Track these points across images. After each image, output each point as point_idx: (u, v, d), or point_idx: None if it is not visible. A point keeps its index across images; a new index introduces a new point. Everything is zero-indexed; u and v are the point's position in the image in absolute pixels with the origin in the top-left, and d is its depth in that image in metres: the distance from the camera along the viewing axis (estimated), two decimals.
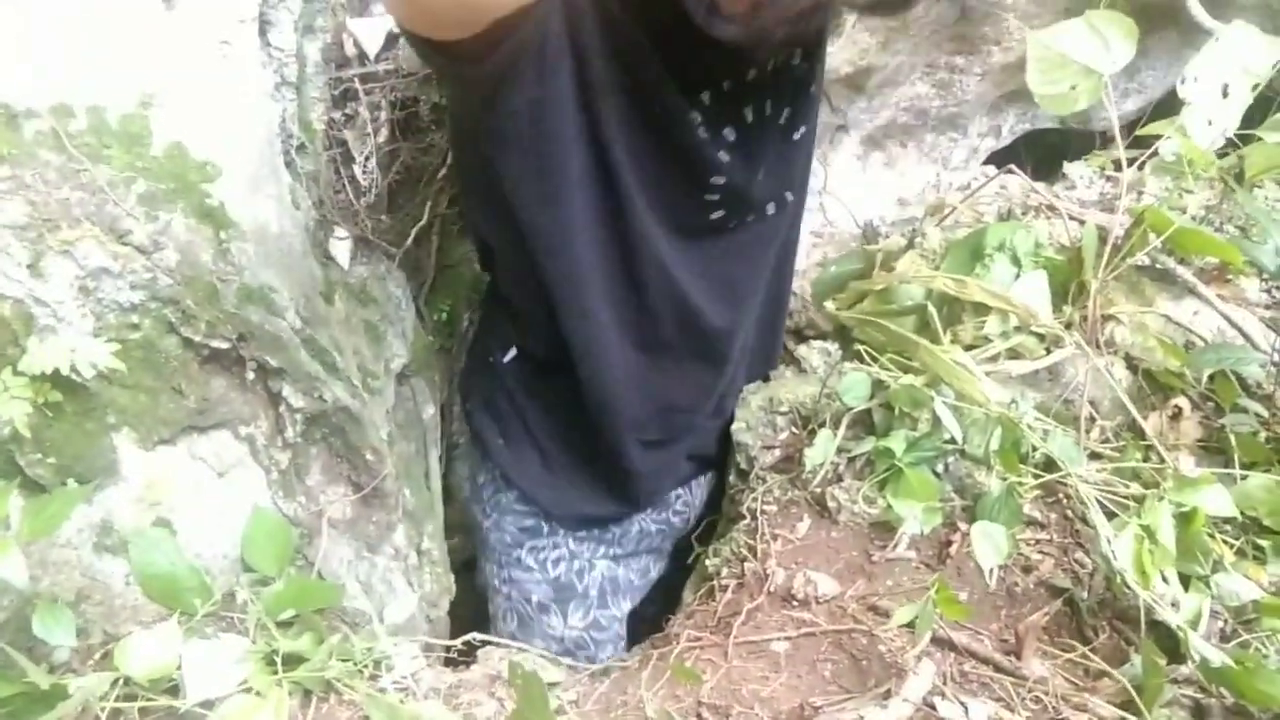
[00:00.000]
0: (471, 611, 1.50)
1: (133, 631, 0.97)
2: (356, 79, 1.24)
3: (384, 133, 1.27)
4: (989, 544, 0.97)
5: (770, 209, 1.22)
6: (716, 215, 1.16)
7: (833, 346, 1.48)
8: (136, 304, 0.93)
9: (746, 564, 1.18)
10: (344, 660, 0.95)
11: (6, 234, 0.87)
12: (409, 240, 1.28)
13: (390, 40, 1.25)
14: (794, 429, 1.37)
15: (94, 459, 0.94)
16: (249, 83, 1.07)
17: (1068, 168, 2.19)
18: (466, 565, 1.70)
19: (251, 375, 1.04)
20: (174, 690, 0.88)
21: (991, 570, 1.03)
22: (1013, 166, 2.07)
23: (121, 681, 0.85)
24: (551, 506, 1.33)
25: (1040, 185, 1.81)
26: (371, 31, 1.24)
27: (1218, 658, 0.95)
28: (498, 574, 1.39)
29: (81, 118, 0.93)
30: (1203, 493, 1.01)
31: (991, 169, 2.06)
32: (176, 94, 0.98)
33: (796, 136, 1.19)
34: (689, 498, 1.45)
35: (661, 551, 1.49)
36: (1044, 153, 2.52)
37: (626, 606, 1.43)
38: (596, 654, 1.39)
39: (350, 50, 1.26)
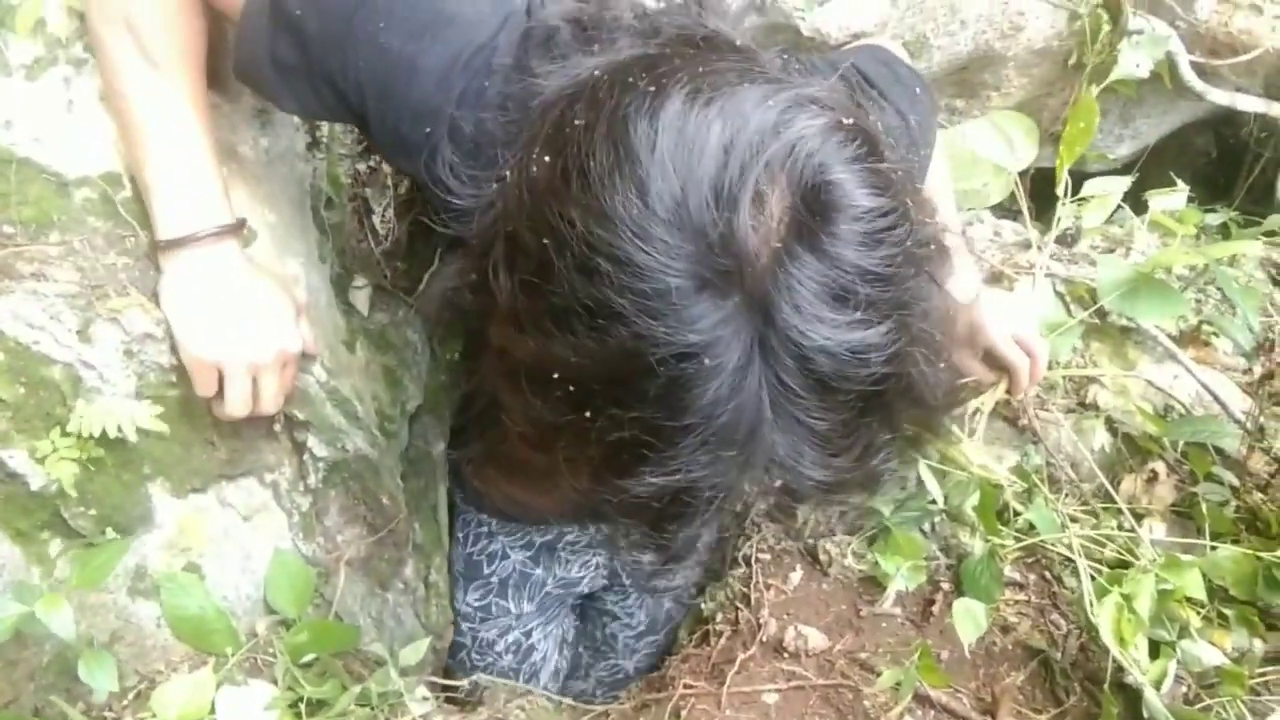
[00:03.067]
0: None
1: (162, 670, 1.03)
2: None
3: (404, 185, 1.33)
4: (969, 621, 1.03)
5: None
6: None
7: None
8: (176, 364, 0.99)
9: (740, 612, 1.25)
10: (362, 705, 1.01)
11: (59, 302, 0.92)
12: (423, 285, 1.34)
13: None
14: None
15: (131, 508, 1.00)
16: (283, 146, 1.13)
17: (1061, 211, 2.25)
18: None
19: (278, 427, 1.10)
20: None
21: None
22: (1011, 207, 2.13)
23: None
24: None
25: (1032, 234, 1.86)
26: None
27: (1163, 717, 1.03)
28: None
29: (128, 186, 0.99)
30: (1186, 576, 1.08)
31: (987, 213, 2.12)
32: (218, 158, 1.04)
33: None
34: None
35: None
36: (1041, 185, 2.58)
37: (528, 608, 1.49)
38: (481, 634, 1.48)
39: None
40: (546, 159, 0.66)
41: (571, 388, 0.64)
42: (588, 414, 0.64)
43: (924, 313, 0.69)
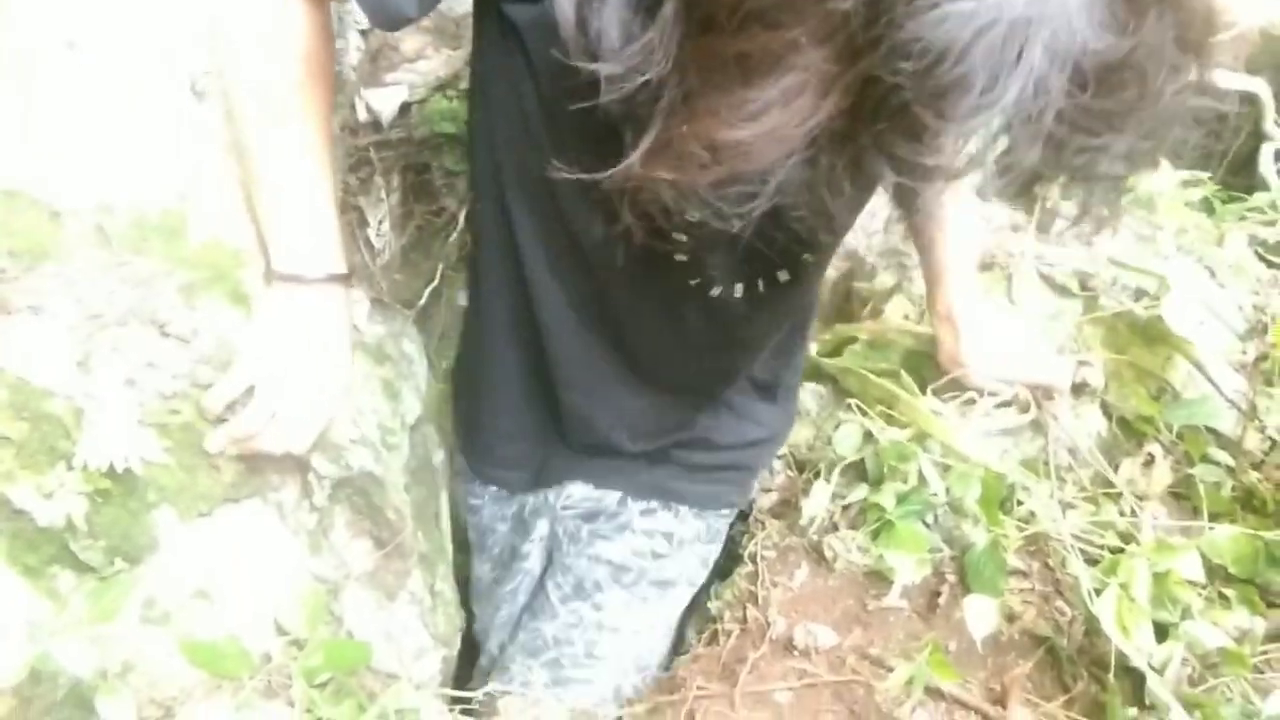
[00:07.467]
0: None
1: (176, 697, 1.03)
2: (371, 146, 1.28)
3: (396, 196, 1.32)
4: (981, 618, 1.05)
5: (766, 280, 1.04)
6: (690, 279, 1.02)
7: (824, 389, 1.55)
8: (177, 391, 0.98)
9: (748, 610, 1.26)
10: None
11: (58, 334, 0.91)
12: (423, 299, 1.34)
13: (403, 109, 1.29)
14: (789, 472, 1.45)
15: (138, 537, 0.99)
16: None
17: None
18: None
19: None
20: None
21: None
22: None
23: None
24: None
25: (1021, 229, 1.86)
26: (386, 101, 1.28)
27: (1165, 701, 1.04)
28: None
29: (121, 213, 0.98)
30: (1180, 558, 1.09)
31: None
32: (209, 182, 1.03)
33: None
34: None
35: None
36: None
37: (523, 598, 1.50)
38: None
39: (363, 117, 1.30)
40: None
41: None
42: None
43: None
